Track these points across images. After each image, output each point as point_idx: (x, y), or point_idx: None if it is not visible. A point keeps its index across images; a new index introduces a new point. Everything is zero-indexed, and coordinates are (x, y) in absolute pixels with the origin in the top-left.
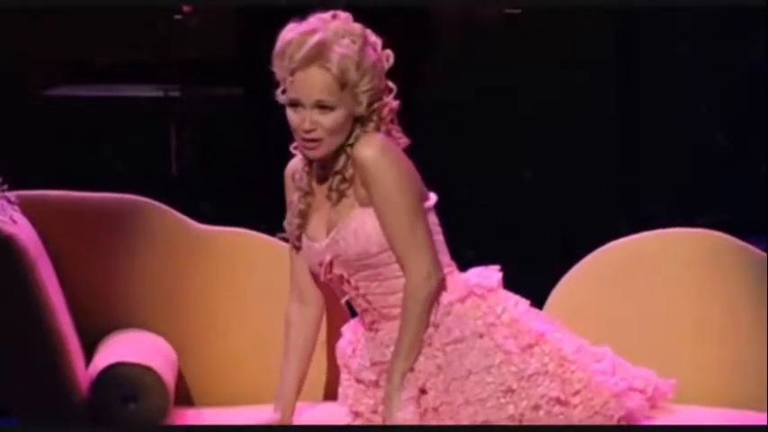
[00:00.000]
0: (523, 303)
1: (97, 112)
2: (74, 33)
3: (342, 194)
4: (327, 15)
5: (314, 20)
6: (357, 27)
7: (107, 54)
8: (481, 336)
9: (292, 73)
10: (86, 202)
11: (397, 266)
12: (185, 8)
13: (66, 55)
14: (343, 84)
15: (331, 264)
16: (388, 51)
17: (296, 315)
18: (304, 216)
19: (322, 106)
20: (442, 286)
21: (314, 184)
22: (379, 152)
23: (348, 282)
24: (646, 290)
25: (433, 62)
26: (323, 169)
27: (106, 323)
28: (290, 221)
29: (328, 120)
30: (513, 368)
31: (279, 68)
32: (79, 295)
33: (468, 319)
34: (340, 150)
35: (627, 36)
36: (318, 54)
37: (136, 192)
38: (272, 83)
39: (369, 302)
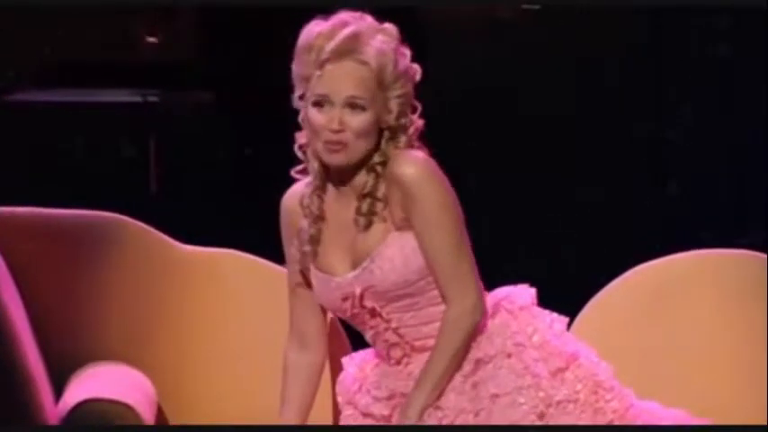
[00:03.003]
0: (560, 323)
1: (68, 120)
2: (42, 32)
3: (372, 219)
4: (356, 13)
5: (343, 15)
6: (391, 27)
7: (78, 55)
8: (509, 355)
9: (321, 66)
10: (56, 219)
11: (435, 293)
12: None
13: (34, 56)
14: (380, 81)
15: (362, 297)
16: (417, 66)
17: (295, 361)
18: (316, 243)
19: (353, 105)
20: (485, 320)
21: (326, 208)
22: (423, 169)
23: (380, 315)
24: (680, 318)
25: (450, 63)
26: (340, 191)
27: (78, 355)
28: (300, 251)
29: (357, 121)
30: (541, 393)
31: (304, 64)
32: (48, 324)
33: (495, 337)
34: (364, 168)
35: (657, 36)
36: (354, 47)
37: (111, 208)
38: (287, 87)
39: (400, 336)
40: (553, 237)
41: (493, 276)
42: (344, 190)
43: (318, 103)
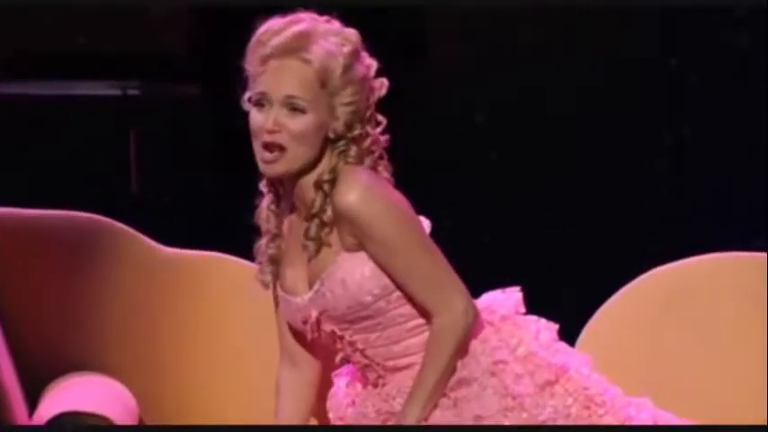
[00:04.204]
0: (548, 332)
1: (43, 114)
2: (14, 21)
3: (321, 243)
4: (321, 17)
5: (303, 14)
6: (352, 33)
7: (53, 45)
8: (493, 374)
9: (265, 62)
10: (32, 221)
11: (397, 312)
12: None
13: (6, 47)
14: (323, 82)
15: (318, 320)
16: (384, 80)
17: (287, 381)
18: (276, 262)
19: (293, 106)
20: (479, 323)
21: (284, 224)
22: (365, 194)
23: (341, 338)
24: (695, 324)
25: (457, 61)
26: (295, 207)
27: (54, 364)
28: (262, 270)
29: (296, 123)
30: (524, 414)
31: (251, 62)
32: (22, 331)
33: (479, 355)
34: (313, 184)
35: (657, 36)
36: (300, 45)
37: (89, 209)
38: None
39: (369, 358)
40: (559, 241)
41: (496, 282)
42: (298, 206)
43: (259, 103)
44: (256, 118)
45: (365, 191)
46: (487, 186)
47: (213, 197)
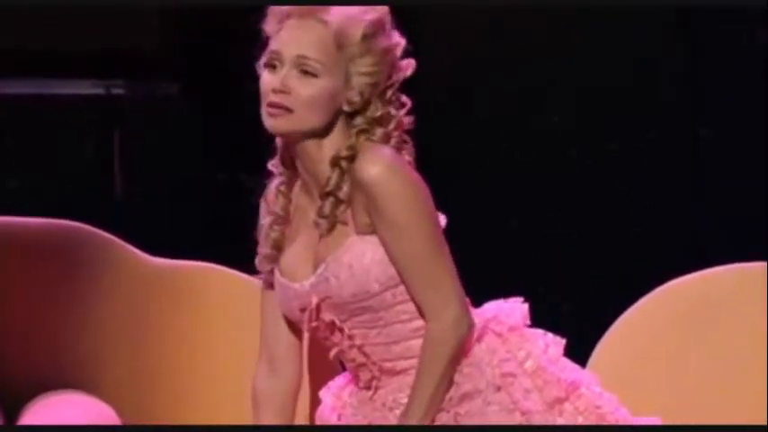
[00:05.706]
0: (556, 346)
1: (21, 115)
2: None
3: (335, 221)
4: None
5: None
6: (382, 7)
7: (33, 42)
8: (498, 389)
9: (282, 21)
10: (10, 229)
11: (402, 308)
12: None
13: None
14: (340, 45)
15: (318, 308)
16: (412, 61)
17: (265, 385)
18: (278, 247)
19: (304, 68)
20: (472, 333)
21: (292, 207)
22: (387, 169)
23: (340, 330)
24: (715, 339)
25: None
26: (306, 185)
27: (34, 382)
28: (262, 254)
29: (307, 89)
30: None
31: (269, 23)
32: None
33: (485, 366)
34: (329, 160)
35: (657, 37)
36: (320, 7)
37: (72, 217)
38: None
39: (366, 355)
40: (570, 250)
41: (496, 286)
42: (310, 184)
43: (270, 63)
44: (266, 79)
45: (388, 166)
46: (488, 186)
47: (204, 203)
